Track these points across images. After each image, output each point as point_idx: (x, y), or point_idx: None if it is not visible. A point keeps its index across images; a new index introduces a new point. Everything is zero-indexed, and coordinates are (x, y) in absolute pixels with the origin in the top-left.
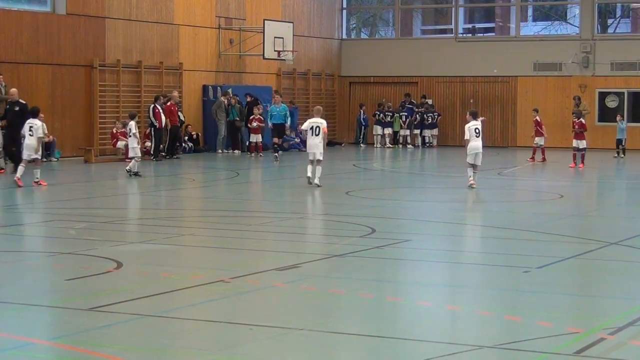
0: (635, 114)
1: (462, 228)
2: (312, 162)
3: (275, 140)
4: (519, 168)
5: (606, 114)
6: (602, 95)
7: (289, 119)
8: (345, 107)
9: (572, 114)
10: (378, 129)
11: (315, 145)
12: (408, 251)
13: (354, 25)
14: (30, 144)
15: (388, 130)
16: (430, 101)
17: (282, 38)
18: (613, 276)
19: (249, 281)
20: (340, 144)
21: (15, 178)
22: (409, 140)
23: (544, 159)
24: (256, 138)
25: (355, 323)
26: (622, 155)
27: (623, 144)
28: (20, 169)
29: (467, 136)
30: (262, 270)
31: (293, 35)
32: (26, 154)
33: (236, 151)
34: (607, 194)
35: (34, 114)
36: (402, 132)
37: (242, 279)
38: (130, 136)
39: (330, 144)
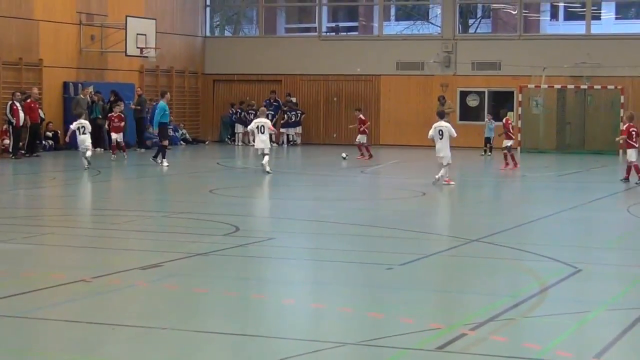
0: (495, 113)
1: (325, 226)
2: (262, 155)
3: (166, 142)
4: (382, 166)
5: (468, 113)
6: (464, 95)
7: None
8: (209, 105)
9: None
10: (239, 127)
11: (262, 141)
12: (272, 249)
13: (217, 23)
14: None
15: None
16: (294, 99)
17: (145, 35)
18: (474, 273)
19: (111, 280)
20: (204, 142)
21: None
22: (273, 139)
23: (370, 156)
24: (117, 137)
25: (219, 321)
26: (489, 154)
27: (491, 142)
28: None
29: (430, 135)
30: (125, 270)
31: (156, 32)
32: None
33: (98, 149)
34: (469, 192)
35: None
36: None
37: (104, 279)
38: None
39: (194, 141)
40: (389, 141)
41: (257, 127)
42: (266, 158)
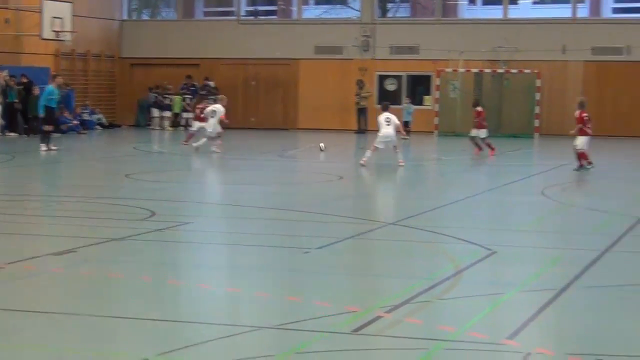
0: (413, 97)
1: (242, 210)
2: (209, 138)
3: (50, 128)
4: (300, 150)
5: (386, 97)
6: (382, 79)
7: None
8: (126, 89)
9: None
10: (155, 112)
11: (211, 125)
12: (188, 234)
13: (135, 6)
14: None
15: (167, 113)
16: (212, 83)
17: (61, 18)
18: (390, 256)
19: (25, 266)
20: (120, 126)
21: None
22: (190, 123)
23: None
24: None
25: (135, 307)
26: (407, 137)
27: (409, 126)
28: None
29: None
30: (38, 255)
31: (72, 15)
32: None
33: (13, 133)
34: (385, 176)
35: None
36: (184, 115)
37: (18, 265)
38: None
39: (110, 126)
40: (307, 125)
41: (211, 111)
42: (218, 140)
